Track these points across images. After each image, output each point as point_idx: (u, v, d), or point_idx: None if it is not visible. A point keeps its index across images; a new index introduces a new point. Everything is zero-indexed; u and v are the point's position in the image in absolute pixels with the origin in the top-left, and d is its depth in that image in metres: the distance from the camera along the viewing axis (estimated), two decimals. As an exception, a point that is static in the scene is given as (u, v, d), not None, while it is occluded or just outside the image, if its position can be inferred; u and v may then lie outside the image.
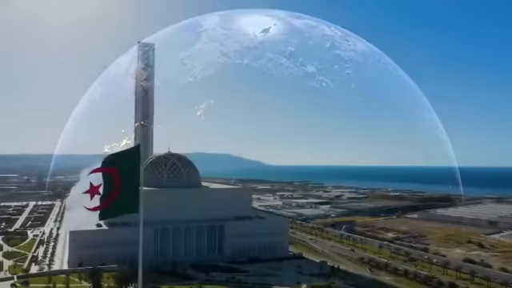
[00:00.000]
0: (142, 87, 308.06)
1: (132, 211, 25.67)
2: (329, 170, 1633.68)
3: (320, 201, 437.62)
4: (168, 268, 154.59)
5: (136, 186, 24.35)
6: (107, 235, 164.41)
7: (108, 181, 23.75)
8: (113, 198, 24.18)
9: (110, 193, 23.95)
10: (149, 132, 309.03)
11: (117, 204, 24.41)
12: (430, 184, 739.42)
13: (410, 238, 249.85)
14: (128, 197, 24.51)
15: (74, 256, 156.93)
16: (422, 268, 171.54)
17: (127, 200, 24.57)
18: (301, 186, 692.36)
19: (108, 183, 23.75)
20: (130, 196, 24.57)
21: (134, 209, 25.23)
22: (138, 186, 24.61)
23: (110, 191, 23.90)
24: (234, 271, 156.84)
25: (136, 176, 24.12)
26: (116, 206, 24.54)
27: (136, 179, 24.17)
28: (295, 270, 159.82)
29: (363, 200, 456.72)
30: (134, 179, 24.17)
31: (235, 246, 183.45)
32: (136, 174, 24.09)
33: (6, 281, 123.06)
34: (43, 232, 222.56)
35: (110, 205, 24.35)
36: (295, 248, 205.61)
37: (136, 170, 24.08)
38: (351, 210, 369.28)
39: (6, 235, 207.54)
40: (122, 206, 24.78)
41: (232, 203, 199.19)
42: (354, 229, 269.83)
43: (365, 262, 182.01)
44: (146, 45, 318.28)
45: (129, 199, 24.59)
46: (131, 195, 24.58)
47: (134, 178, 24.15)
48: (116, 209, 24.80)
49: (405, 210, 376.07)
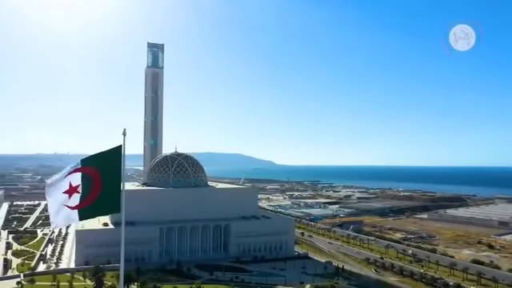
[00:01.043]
0: (151, 87, 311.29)
1: (113, 211, 25.89)
2: (339, 170, 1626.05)
3: (329, 201, 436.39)
4: (173, 267, 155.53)
5: (117, 187, 24.50)
6: (113, 234, 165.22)
7: (87, 181, 23.90)
8: (93, 198, 24.26)
9: (89, 193, 24.08)
10: (158, 131, 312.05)
11: (97, 204, 24.44)
12: (442, 184, 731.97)
13: (418, 239, 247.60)
14: (109, 197, 24.56)
15: (80, 255, 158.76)
16: (428, 269, 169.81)
17: (108, 200, 24.63)
18: (311, 185, 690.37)
19: (87, 183, 23.89)
20: (111, 196, 24.64)
21: (115, 209, 25.39)
22: (120, 187, 24.84)
23: (89, 191, 24.03)
24: (239, 271, 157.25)
25: (117, 176, 24.32)
26: (96, 206, 24.55)
27: (117, 180, 24.37)
28: (300, 270, 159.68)
29: (373, 200, 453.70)
30: (116, 180, 24.39)
31: (240, 246, 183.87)
32: (117, 175, 24.30)
33: (13, 279, 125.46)
34: (52, 231, 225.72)
35: (90, 204, 24.42)
36: (301, 248, 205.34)
37: (117, 171, 24.30)
38: (360, 209, 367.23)
39: (16, 234, 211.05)
40: (103, 206, 24.86)
41: (238, 203, 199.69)
42: (361, 229, 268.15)
43: (371, 262, 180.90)
44: (155, 45, 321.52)
45: (110, 199, 24.64)
46: (112, 195, 24.64)
47: (116, 178, 24.38)
48: (97, 209, 24.89)
49: (414, 210, 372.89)
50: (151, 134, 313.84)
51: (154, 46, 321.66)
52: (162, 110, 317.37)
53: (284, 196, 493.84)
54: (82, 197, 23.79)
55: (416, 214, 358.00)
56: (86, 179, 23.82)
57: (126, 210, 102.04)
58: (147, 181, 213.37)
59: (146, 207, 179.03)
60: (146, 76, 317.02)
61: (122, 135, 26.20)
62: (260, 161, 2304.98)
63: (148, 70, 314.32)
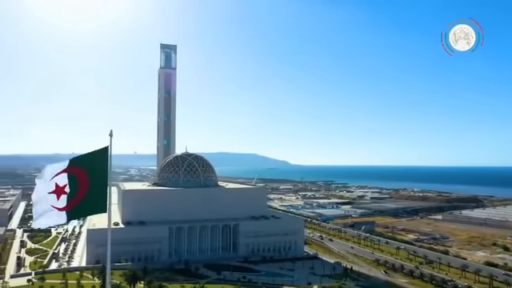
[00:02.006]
0: (164, 87, 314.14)
1: (100, 211, 26.37)
2: (354, 170, 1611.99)
3: (342, 201, 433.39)
4: (181, 266, 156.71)
5: (104, 187, 24.85)
6: (124, 233, 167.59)
7: (74, 181, 24.32)
8: (80, 199, 24.66)
9: (76, 193, 24.49)
10: (171, 131, 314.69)
11: (84, 204, 24.80)
12: (458, 184, 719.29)
13: (431, 240, 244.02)
14: (96, 197, 24.94)
15: (91, 254, 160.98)
16: (439, 271, 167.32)
17: (95, 200, 24.99)
18: (324, 185, 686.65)
19: (74, 184, 24.30)
20: (98, 196, 25.01)
21: (101, 209, 25.86)
22: (106, 187, 25.30)
23: (76, 192, 24.45)
24: (247, 271, 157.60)
25: (104, 177, 24.69)
26: (84, 206, 24.91)
27: (104, 180, 24.75)
28: (308, 271, 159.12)
29: (386, 200, 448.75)
30: (102, 180, 24.77)
31: (249, 246, 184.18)
32: (104, 175, 24.67)
33: (24, 276, 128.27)
34: (66, 230, 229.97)
35: (77, 205, 24.85)
36: (311, 248, 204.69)
37: (104, 171, 24.67)
38: (373, 210, 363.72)
39: (31, 232, 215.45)
40: (90, 206, 25.23)
41: (247, 203, 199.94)
42: (373, 229, 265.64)
43: (380, 263, 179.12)
44: (167, 46, 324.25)
45: (97, 200, 25.01)
46: (99, 196, 25.02)
47: (102, 178, 24.75)
48: (84, 209, 25.32)
49: (429, 211, 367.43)
50: (164, 134, 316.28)
51: (166, 46, 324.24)
52: (175, 111, 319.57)
53: (297, 196, 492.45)
54: (70, 197, 24.18)
55: (430, 214, 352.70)
56: (72, 180, 24.15)
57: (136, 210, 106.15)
58: (158, 181, 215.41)
59: (155, 207, 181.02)
60: (159, 77, 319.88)
61: (109, 136, 26.67)
62: (275, 161, 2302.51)
63: (161, 71, 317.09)
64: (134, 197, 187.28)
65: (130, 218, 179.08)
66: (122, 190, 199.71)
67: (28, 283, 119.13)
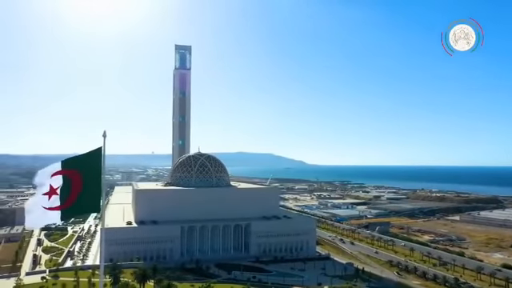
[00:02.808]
0: (179, 88, 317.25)
1: (93, 211, 27.20)
2: (371, 170, 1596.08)
3: (357, 201, 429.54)
4: (192, 266, 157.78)
5: (97, 187, 25.49)
6: (136, 232, 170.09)
7: (67, 182, 24.95)
8: (73, 199, 25.30)
9: (69, 194, 25.13)
10: (186, 131, 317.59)
11: (78, 204, 25.45)
12: (478, 185, 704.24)
13: (446, 241, 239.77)
14: (90, 197, 25.61)
15: (105, 252, 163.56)
16: (454, 272, 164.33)
17: (89, 200, 25.68)
18: (340, 185, 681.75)
19: (67, 185, 24.94)
20: (92, 196, 25.68)
21: (95, 209, 26.62)
22: (100, 187, 25.91)
23: (69, 192, 25.08)
24: (258, 271, 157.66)
25: (98, 177, 25.32)
26: (77, 206, 25.56)
27: (97, 180, 25.37)
28: (319, 271, 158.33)
29: (402, 201, 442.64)
30: (96, 180, 25.37)
31: (261, 246, 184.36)
32: (98, 176, 25.29)
33: (39, 274, 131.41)
34: (82, 228, 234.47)
35: (70, 205, 25.50)
36: (323, 248, 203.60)
37: (97, 172, 25.30)
38: (388, 210, 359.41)
39: (48, 231, 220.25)
40: (84, 206, 25.93)
41: (259, 203, 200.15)
42: (388, 230, 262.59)
43: (393, 264, 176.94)
44: (182, 47, 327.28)
45: (90, 199, 25.69)
46: (93, 196, 25.70)
47: (96, 179, 25.36)
48: (77, 208, 26.02)
49: (446, 212, 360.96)
50: (179, 135, 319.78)
51: (181, 47, 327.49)
52: (190, 111, 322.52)
53: (312, 196, 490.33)
54: (62, 198, 24.78)
55: (447, 215, 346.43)
56: (66, 181, 24.75)
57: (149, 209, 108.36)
58: (170, 180, 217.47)
59: (168, 206, 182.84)
60: (173, 77, 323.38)
61: (103, 137, 27.24)
62: (291, 160, 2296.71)
63: (176, 72, 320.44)
64: (146, 196, 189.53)
65: (142, 217, 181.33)
66: (135, 190, 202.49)
67: (42, 280, 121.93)
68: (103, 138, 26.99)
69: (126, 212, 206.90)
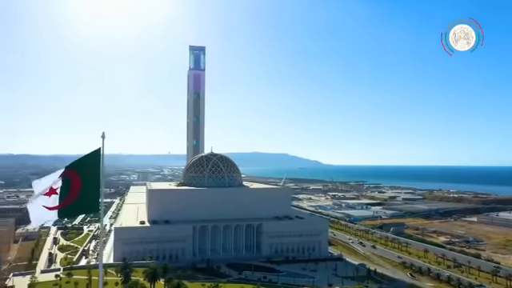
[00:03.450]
0: (193, 88, 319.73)
1: (92, 211, 27.84)
2: (388, 170, 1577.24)
3: (372, 202, 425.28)
4: (203, 265, 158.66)
5: (96, 188, 26.15)
6: (149, 232, 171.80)
7: (67, 183, 25.68)
8: (72, 199, 26.05)
9: (68, 194, 25.86)
10: (200, 132, 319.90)
11: (77, 204, 26.23)
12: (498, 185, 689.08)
13: (463, 243, 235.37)
14: (88, 197, 26.32)
15: (118, 251, 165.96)
16: (469, 275, 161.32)
17: (88, 200, 26.40)
18: (356, 186, 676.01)
19: (66, 185, 25.67)
20: (91, 196, 26.39)
21: (94, 208, 27.29)
22: (98, 187, 26.54)
23: (68, 192, 25.82)
24: (269, 271, 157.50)
25: (96, 178, 25.97)
26: (76, 205, 26.34)
27: (96, 181, 26.02)
28: (330, 272, 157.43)
29: (419, 201, 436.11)
30: (95, 181, 26.04)
31: (273, 246, 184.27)
32: (96, 176, 25.96)
33: (53, 272, 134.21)
34: (98, 228, 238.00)
35: (69, 204, 26.22)
36: (336, 249, 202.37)
37: (96, 172, 25.95)
38: (404, 211, 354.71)
39: (64, 230, 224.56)
40: (83, 206, 26.69)
41: (271, 203, 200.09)
42: (402, 231, 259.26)
43: (407, 266, 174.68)
44: (196, 47, 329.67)
45: (89, 199, 26.41)
46: (91, 196, 26.40)
47: (95, 179, 26.03)
48: (77, 208, 26.85)
49: (463, 213, 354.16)
50: (193, 135, 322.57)
51: (195, 48, 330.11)
52: (204, 111, 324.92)
53: (326, 196, 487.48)
54: (61, 198, 25.57)
55: (465, 216, 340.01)
56: (65, 182, 25.56)
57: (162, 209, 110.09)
58: (184, 180, 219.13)
59: (180, 206, 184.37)
60: (188, 78, 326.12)
61: (101, 138, 27.81)
62: (306, 160, 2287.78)
63: (190, 72, 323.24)
64: (159, 196, 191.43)
65: (155, 216, 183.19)
66: (148, 190, 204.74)
67: (56, 278, 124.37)
68: (102, 139, 27.53)
69: (140, 211, 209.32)
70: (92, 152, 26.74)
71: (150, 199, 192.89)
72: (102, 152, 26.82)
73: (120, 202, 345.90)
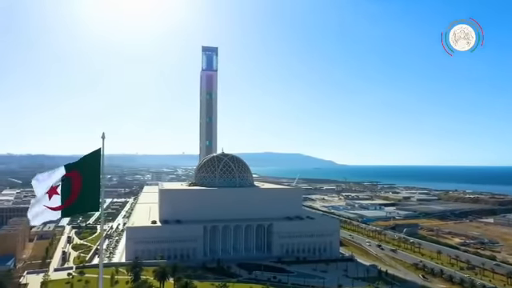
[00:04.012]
0: (205, 89, 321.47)
1: (93, 210, 28.44)
2: (403, 170, 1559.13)
3: (386, 202, 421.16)
4: (213, 265, 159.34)
5: (97, 187, 26.76)
6: (160, 231, 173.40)
7: (68, 183, 26.33)
8: (73, 199, 26.69)
9: (70, 194, 26.51)
10: (213, 132, 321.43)
11: (78, 203, 26.84)
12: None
13: (478, 244, 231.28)
14: (89, 197, 26.94)
15: (130, 250, 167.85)
16: (482, 277, 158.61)
17: (88, 200, 27.04)
18: (370, 186, 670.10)
19: (68, 185, 26.32)
20: (91, 196, 27.01)
21: (94, 208, 27.90)
22: (99, 187, 27.16)
23: (70, 192, 26.46)
24: (279, 271, 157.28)
25: (97, 178, 26.56)
26: (77, 205, 26.96)
27: (97, 181, 26.60)
28: (341, 273, 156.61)
29: (434, 202, 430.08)
30: (95, 181, 26.63)
31: (283, 246, 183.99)
32: (97, 176, 26.54)
33: (66, 270, 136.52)
34: (111, 227, 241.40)
35: (71, 204, 26.88)
36: (347, 249, 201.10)
37: (96, 173, 26.54)
38: (418, 212, 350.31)
39: (78, 229, 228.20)
40: (84, 205, 27.28)
41: (282, 203, 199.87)
42: (416, 232, 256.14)
43: (419, 267, 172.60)
44: (209, 48, 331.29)
45: (90, 199, 27.03)
46: (92, 195, 27.03)
47: (95, 179, 26.62)
48: (77, 208, 27.41)
49: (479, 214, 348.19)
50: (206, 135, 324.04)
51: (208, 49, 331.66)
52: (217, 112, 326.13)
53: (340, 197, 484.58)
54: (63, 198, 26.18)
55: (481, 217, 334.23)
56: (66, 182, 26.15)
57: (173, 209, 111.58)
58: (195, 180, 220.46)
59: (191, 206, 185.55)
60: (200, 79, 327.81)
61: (101, 138, 28.40)
62: (320, 160, 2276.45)
63: (202, 73, 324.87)
64: (170, 196, 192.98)
65: (167, 216, 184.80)
66: (159, 190, 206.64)
67: (68, 276, 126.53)
68: (102, 140, 28.07)
69: (153, 211, 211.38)
70: (92, 152, 27.19)
71: (162, 199, 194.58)
72: (102, 152, 27.36)
73: (134, 202, 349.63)
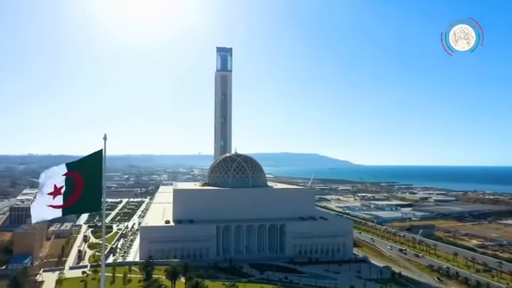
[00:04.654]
0: (220, 89, 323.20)
1: (95, 209, 29.17)
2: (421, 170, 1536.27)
3: (402, 203, 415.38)
4: (226, 265, 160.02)
5: (98, 187, 27.40)
6: (174, 231, 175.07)
7: (70, 183, 27.08)
8: (75, 198, 27.41)
9: (72, 193, 27.26)
10: (227, 132, 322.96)
11: (80, 203, 27.54)
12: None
13: (496, 246, 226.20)
14: (91, 197, 27.62)
15: (144, 249, 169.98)
16: (500, 280, 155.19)
17: (90, 200, 27.71)
18: (386, 186, 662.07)
19: (70, 185, 27.07)
20: (93, 196, 27.68)
21: (96, 207, 28.61)
22: (100, 187, 27.85)
23: (72, 192, 27.21)
24: (291, 271, 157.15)
25: (98, 178, 27.20)
26: (79, 205, 27.64)
27: (98, 181, 27.24)
28: (354, 274, 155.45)
29: (451, 203, 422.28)
30: (97, 181, 27.30)
31: (296, 247, 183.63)
32: (98, 177, 27.17)
33: (81, 268, 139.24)
34: (126, 226, 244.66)
35: (73, 204, 27.61)
36: (361, 250, 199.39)
37: (98, 173, 27.17)
38: (435, 213, 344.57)
39: (94, 228, 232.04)
40: (86, 205, 27.97)
41: (295, 203, 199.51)
42: (432, 233, 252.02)
43: (434, 269, 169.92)
44: (223, 49, 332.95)
45: (92, 199, 27.71)
46: (94, 195, 27.69)
47: (97, 180, 27.30)
48: (79, 207, 28.12)
49: (499, 215, 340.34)
50: (221, 136, 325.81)
51: (222, 49, 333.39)
52: (231, 112, 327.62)
53: (355, 197, 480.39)
54: (65, 197, 26.90)
55: (500, 219, 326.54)
56: (69, 181, 26.81)
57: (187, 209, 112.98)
58: (208, 181, 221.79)
59: (204, 206, 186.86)
60: (215, 79, 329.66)
61: (103, 140, 29.04)
62: (336, 161, 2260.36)
63: (217, 74, 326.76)
64: (184, 196, 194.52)
65: (180, 216, 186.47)
66: (173, 190, 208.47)
67: (82, 275, 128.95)
68: (104, 141, 28.65)
69: (167, 211, 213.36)
70: (94, 153, 27.76)
71: (175, 199, 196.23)
72: (104, 153, 27.93)
73: (149, 202, 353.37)
